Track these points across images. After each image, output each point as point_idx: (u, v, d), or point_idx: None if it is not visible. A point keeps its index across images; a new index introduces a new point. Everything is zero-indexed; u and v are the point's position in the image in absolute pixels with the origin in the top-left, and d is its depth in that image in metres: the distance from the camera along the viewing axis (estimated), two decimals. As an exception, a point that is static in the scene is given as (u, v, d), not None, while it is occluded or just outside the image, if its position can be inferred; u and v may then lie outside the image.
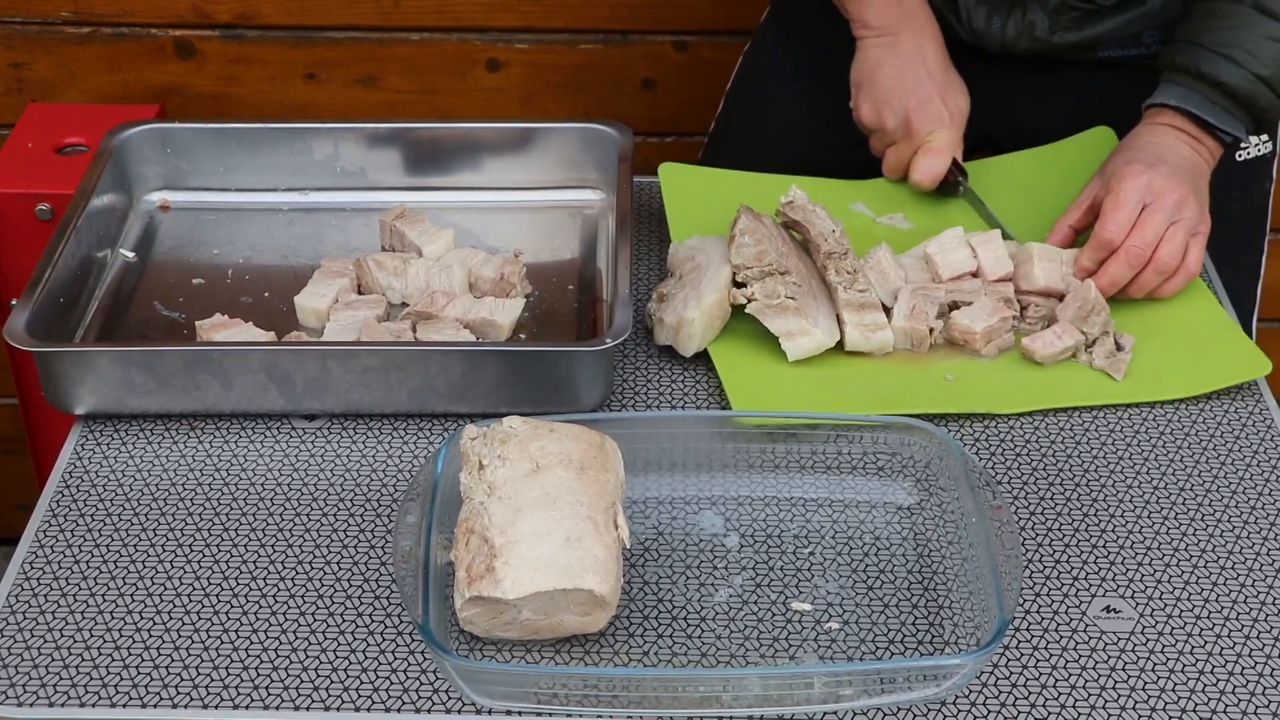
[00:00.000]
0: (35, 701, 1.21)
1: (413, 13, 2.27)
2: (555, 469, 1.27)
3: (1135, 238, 1.56)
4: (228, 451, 1.44)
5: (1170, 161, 1.59)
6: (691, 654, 1.25)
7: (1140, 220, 1.56)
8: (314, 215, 1.73)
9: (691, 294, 1.53)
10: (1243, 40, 1.59)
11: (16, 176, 2.05)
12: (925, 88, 1.69)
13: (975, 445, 1.46)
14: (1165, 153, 1.60)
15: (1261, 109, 1.61)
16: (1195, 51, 1.61)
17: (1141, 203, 1.56)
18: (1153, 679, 1.24)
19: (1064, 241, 1.63)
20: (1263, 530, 1.38)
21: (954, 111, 1.71)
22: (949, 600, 1.30)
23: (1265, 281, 1.92)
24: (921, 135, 1.70)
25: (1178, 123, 1.63)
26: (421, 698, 1.21)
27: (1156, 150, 1.61)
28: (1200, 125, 1.62)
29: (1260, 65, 1.59)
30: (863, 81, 1.72)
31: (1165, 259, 1.57)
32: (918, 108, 1.69)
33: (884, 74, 1.70)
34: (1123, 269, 1.56)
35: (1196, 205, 1.59)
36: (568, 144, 1.74)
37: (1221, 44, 1.60)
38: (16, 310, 1.45)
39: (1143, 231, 1.56)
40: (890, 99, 1.70)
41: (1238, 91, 1.60)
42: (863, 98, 1.72)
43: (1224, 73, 1.60)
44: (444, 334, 1.51)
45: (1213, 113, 1.61)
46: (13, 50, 2.28)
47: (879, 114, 1.71)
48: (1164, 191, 1.56)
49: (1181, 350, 1.56)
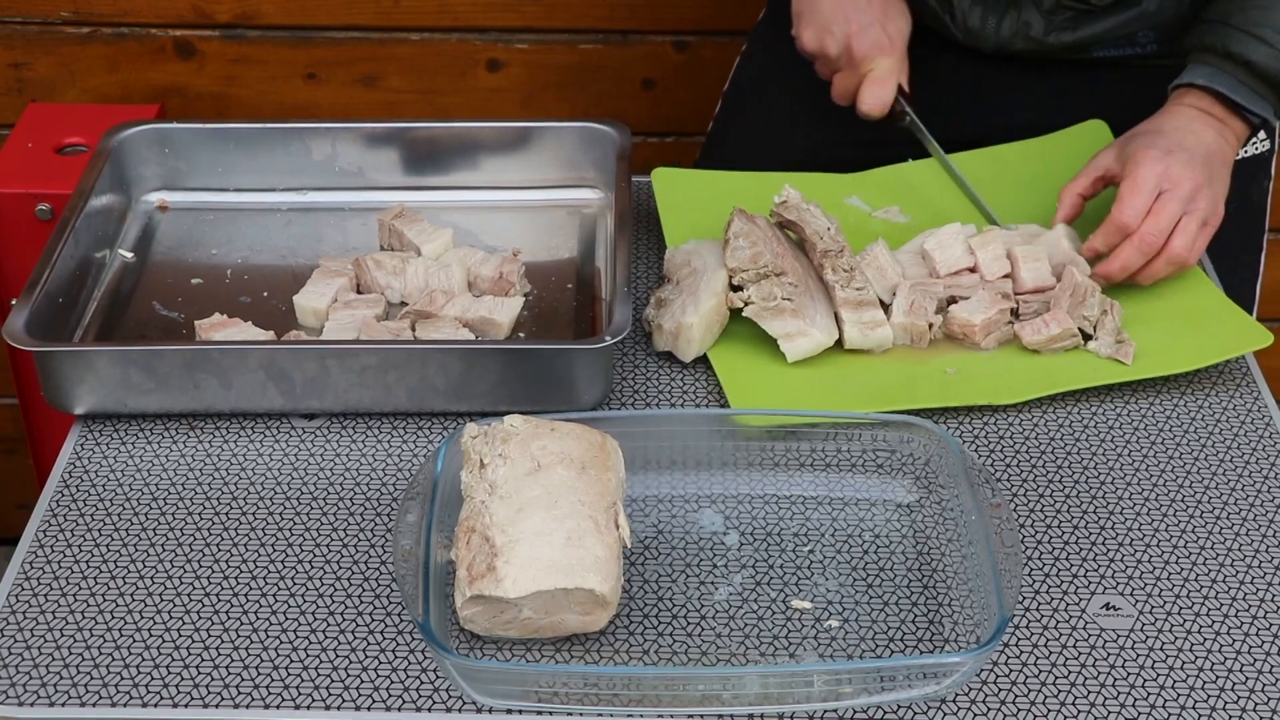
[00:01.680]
0: (36, 701, 1.21)
1: (413, 13, 2.27)
2: (556, 468, 1.27)
3: (1149, 225, 1.55)
4: (227, 451, 1.44)
5: (1190, 147, 1.58)
6: (691, 652, 1.25)
7: (1155, 208, 1.55)
8: (312, 215, 1.73)
9: (689, 299, 1.53)
10: (1272, 20, 1.59)
11: (16, 176, 2.05)
12: (865, 13, 1.69)
13: (974, 442, 1.46)
14: (1186, 138, 1.59)
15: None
16: (1224, 31, 1.61)
17: (1158, 189, 1.56)
18: (1152, 676, 1.24)
19: (1073, 212, 1.63)
20: (1261, 528, 1.38)
21: (894, 36, 1.70)
22: (949, 598, 1.30)
23: (1264, 282, 1.92)
24: (863, 61, 1.69)
25: (1204, 104, 1.62)
26: (422, 696, 1.21)
27: (1178, 135, 1.60)
28: (1227, 106, 1.61)
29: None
30: (803, 9, 1.72)
31: (1178, 250, 1.56)
32: (858, 33, 1.68)
33: (824, 0, 1.70)
34: (1135, 256, 1.56)
35: (1210, 196, 1.58)
36: (566, 143, 1.74)
37: (1250, 24, 1.60)
38: (16, 310, 1.45)
39: (1157, 219, 1.55)
40: (831, 25, 1.69)
41: (1266, 71, 1.59)
42: (804, 25, 1.71)
43: (1253, 52, 1.59)
44: (443, 333, 1.52)
45: (1240, 92, 1.61)
46: (13, 50, 2.28)
47: (820, 40, 1.70)
48: (1180, 180, 1.56)
49: (1182, 328, 1.57)
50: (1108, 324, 1.54)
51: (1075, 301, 1.55)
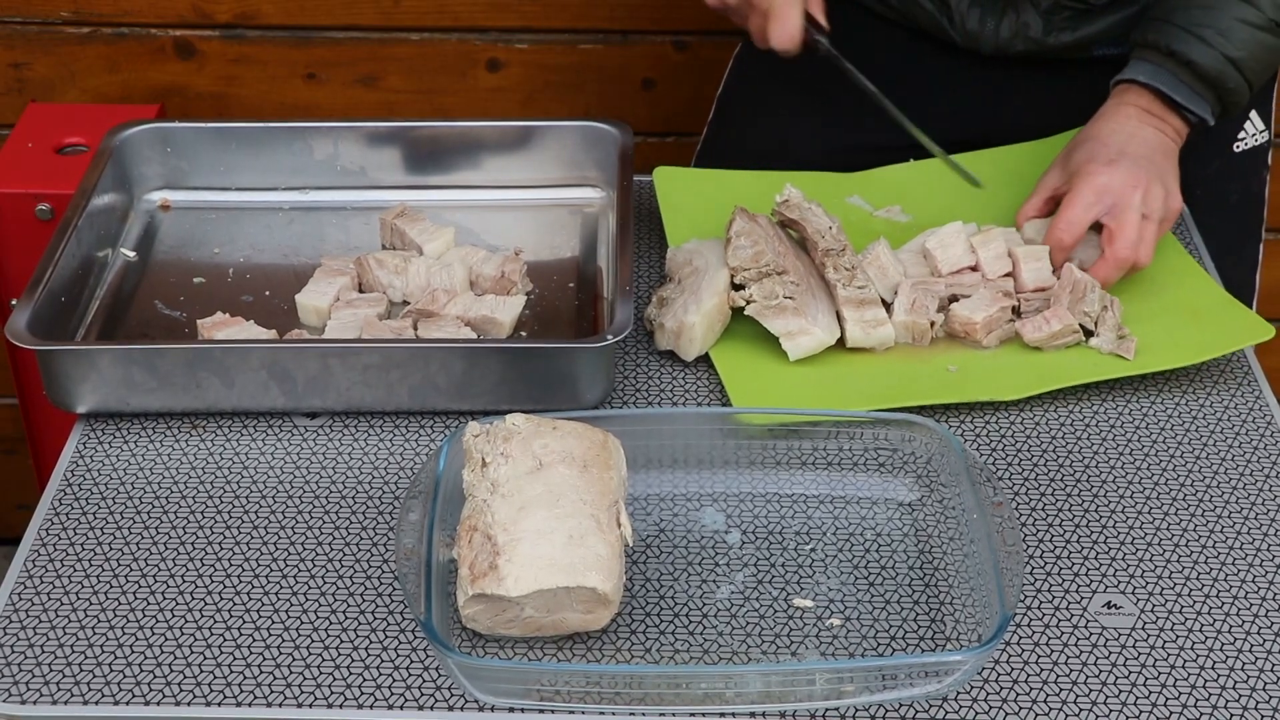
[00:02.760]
0: (38, 699, 1.21)
1: (413, 13, 2.28)
2: (558, 467, 1.27)
3: (1120, 242, 1.56)
4: (229, 450, 1.44)
5: (1131, 153, 1.59)
6: (693, 651, 1.25)
7: (1116, 226, 1.56)
8: (314, 214, 1.73)
9: (691, 298, 1.53)
10: (1215, 21, 1.59)
11: (16, 176, 2.05)
12: None
13: (976, 441, 1.46)
14: (1127, 143, 1.60)
15: (1230, 90, 1.61)
16: (1167, 29, 1.61)
17: (1098, 204, 1.57)
18: (1153, 675, 1.24)
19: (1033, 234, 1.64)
20: (1263, 527, 1.38)
21: None
22: (950, 596, 1.30)
23: (1263, 283, 1.92)
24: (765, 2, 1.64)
25: (1144, 102, 1.62)
26: (424, 695, 1.21)
27: (1118, 141, 1.60)
28: (1166, 104, 1.62)
29: (1231, 47, 1.59)
30: None
31: (1144, 260, 1.58)
32: None
33: None
34: (1112, 273, 1.57)
35: (1161, 190, 1.58)
36: (568, 142, 1.74)
37: (1194, 23, 1.60)
38: (18, 309, 1.45)
39: (1125, 233, 1.56)
40: None
41: (1207, 72, 1.60)
42: None
43: (1194, 52, 1.59)
44: (445, 332, 1.52)
45: (1180, 91, 1.61)
46: (13, 50, 2.28)
47: None
48: (1124, 189, 1.56)
49: (1182, 323, 1.57)
50: (1108, 320, 1.54)
51: (1075, 298, 1.55)
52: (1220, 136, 1.78)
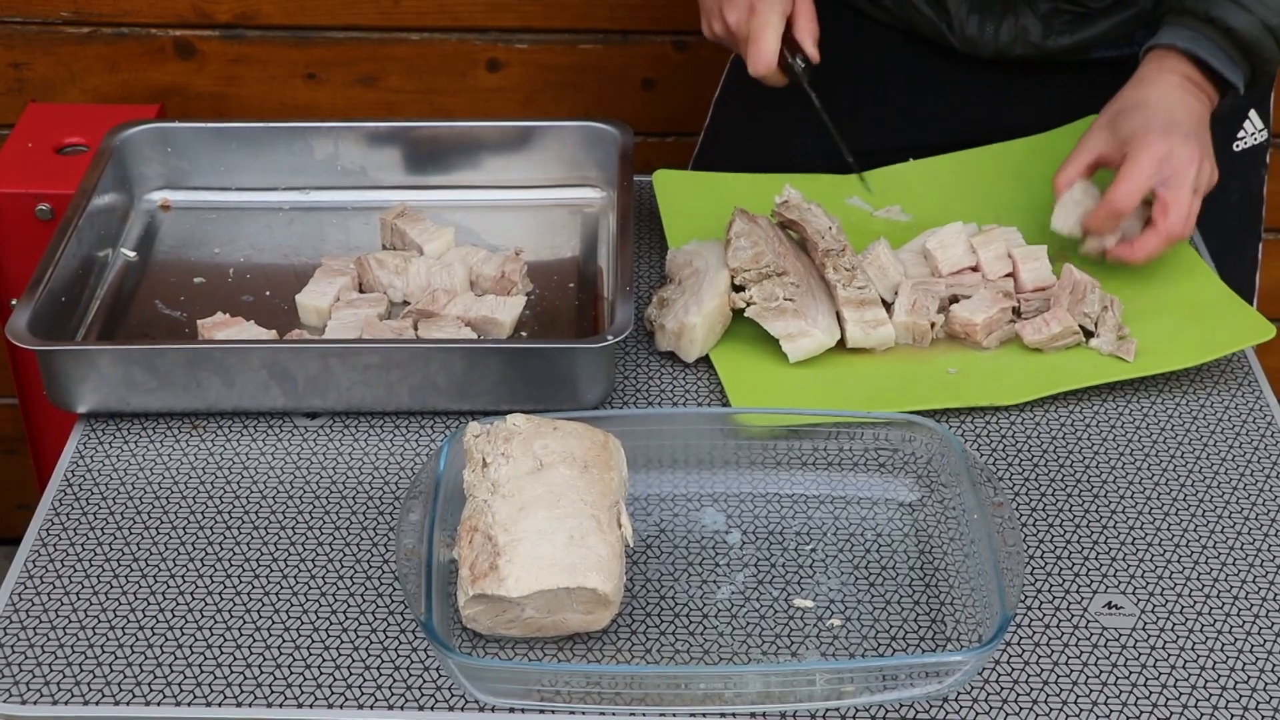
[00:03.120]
0: (39, 700, 1.21)
1: (413, 13, 2.28)
2: (559, 467, 1.27)
3: (1173, 216, 1.54)
4: (230, 450, 1.44)
5: (1183, 123, 1.57)
6: (694, 651, 1.25)
7: (1171, 199, 1.55)
8: (315, 214, 1.73)
9: (692, 300, 1.53)
10: None
11: (16, 176, 2.05)
12: None
13: (976, 441, 1.46)
14: (1176, 110, 1.58)
15: (1264, 59, 1.60)
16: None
17: (1158, 175, 1.55)
18: (1154, 675, 1.24)
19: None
20: (1263, 527, 1.38)
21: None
22: (951, 596, 1.30)
23: (1263, 282, 1.92)
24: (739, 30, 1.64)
25: (1185, 69, 1.61)
26: (425, 695, 1.21)
27: (1167, 110, 1.58)
28: (1204, 72, 1.61)
29: (1270, 13, 1.58)
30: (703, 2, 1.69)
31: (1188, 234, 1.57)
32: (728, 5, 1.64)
33: None
34: (1160, 246, 1.56)
35: (1210, 166, 1.58)
36: (568, 142, 1.74)
37: None
38: (18, 309, 1.45)
39: (1178, 208, 1.55)
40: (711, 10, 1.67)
41: (1244, 38, 1.58)
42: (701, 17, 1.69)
43: (1233, 18, 1.58)
44: (445, 332, 1.52)
45: (1218, 58, 1.59)
46: (13, 50, 2.28)
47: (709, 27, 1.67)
48: (1183, 163, 1.55)
49: (1183, 321, 1.57)
50: (1109, 320, 1.54)
51: (1075, 299, 1.55)
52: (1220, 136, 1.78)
